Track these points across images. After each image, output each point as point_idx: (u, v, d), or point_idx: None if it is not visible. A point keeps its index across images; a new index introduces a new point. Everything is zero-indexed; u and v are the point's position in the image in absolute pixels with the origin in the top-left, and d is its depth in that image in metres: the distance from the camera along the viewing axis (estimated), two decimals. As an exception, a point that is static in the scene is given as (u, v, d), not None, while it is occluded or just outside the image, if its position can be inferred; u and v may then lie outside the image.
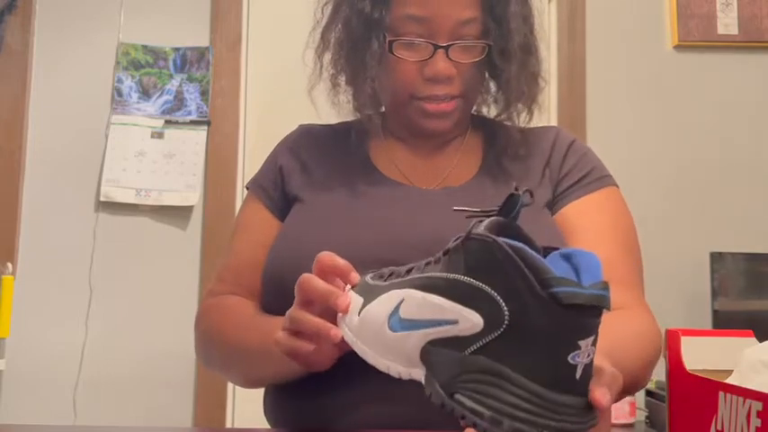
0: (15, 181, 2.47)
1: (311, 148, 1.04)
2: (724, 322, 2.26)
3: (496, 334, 0.53)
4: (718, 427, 0.50)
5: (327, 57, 1.02)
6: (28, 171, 2.50)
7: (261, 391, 0.99)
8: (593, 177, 0.99)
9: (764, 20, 2.59)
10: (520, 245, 0.53)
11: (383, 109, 1.06)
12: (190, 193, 2.48)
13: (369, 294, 0.66)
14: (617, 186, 1.01)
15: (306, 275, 0.71)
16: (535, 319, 0.51)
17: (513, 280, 0.52)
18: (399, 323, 0.60)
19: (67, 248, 2.46)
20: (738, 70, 2.59)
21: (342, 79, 1.02)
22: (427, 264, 0.61)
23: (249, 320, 0.91)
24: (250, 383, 0.97)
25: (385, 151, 1.03)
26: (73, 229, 2.46)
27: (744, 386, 0.48)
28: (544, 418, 0.51)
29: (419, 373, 0.59)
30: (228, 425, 2.43)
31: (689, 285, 2.42)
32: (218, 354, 0.97)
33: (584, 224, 0.94)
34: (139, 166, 2.48)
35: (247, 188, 1.06)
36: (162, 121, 2.51)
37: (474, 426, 0.53)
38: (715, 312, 2.29)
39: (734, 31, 2.58)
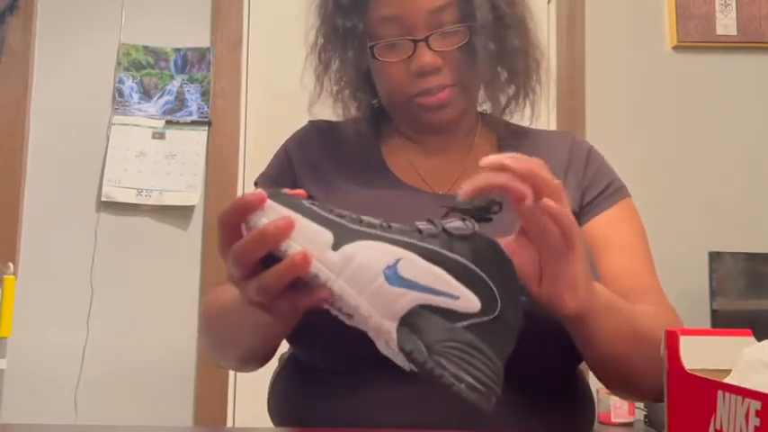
0: (17, 181, 2.47)
1: (321, 145, 1.03)
2: (723, 322, 2.27)
3: (486, 318, 0.64)
4: (717, 427, 0.50)
5: (325, 77, 1.03)
6: (29, 171, 2.50)
7: (262, 391, 0.99)
8: (614, 189, 0.99)
9: (763, 21, 2.59)
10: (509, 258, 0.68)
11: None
12: (191, 194, 2.49)
13: (334, 229, 0.63)
14: (630, 196, 1.02)
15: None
16: (514, 315, 0.66)
17: (506, 282, 0.66)
18: (397, 279, 0.63)
19: (69, 248, 2.46)
20: (737, 71, 2.60)
21: (346, 93, 1.03)
22: (418, 231, 0.65)
23: (227, 287, 0.86)
24: (242, 359, 0.93)
25: (396, 152, 1.03)
26: (74, 229, 2.47)
27: (743, 386, 0.49)
28: (499, 387, 0.65)
29: (391, 326, 0.63)
30: (229, 424, 2.43)
31: (687, 285, 2.42)
32: (208, 329, 0.94)
33: (611, 238, 0.95)
34: (140, 167, 2.49)
35: (256, 184, 1.05)
36: (163, 122, 2.51)
37: (450, 387, 0.62)
38: (714, 312, 2.30)
39: (733, 31, 2.58)
